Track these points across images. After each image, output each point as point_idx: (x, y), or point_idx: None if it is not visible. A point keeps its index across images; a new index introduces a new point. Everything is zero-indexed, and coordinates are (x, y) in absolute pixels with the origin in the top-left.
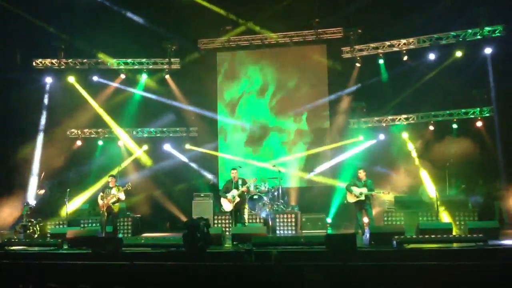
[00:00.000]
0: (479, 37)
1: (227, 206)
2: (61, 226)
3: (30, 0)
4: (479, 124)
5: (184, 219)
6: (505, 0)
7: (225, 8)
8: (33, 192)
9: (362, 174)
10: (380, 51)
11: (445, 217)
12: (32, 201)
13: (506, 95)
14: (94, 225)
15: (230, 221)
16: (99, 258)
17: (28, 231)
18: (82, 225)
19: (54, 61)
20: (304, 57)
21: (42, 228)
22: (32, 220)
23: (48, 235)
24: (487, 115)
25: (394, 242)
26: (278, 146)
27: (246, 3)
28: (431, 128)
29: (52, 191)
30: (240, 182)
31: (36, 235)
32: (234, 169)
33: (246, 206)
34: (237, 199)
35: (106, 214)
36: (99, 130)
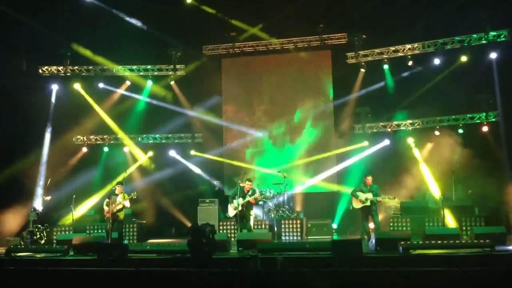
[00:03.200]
0: (484, 41)
1: (231, 211)
2: (67, 233)
3: (36, 7)
4: (485, 129)
5: (189, 225)
6: (510, 4)
7: (230, 14)
8: (39, 199)
9: (368, 179)
10: (384, 56)
11: (451, 222)
12: (39, 207)
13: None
14: (99, 231)
15: (236, 227)
16: (105, 265)
17: (35, 237)
18: (88, 232)
19: (60, 68)
20: (308, 62)
21: (48, 234)
22: (39, 226)
23: (54, 241)
24: (493, 120)
25: (400, 247)
26: (283, 152)
27: (251, 9)
28: (437, 133)
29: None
30: (250, 193)
31: (43, 241)
32: (249, 181)
33: (252, 213)
34: (240, 208)
35: (111, 220)
36: (105, 136)
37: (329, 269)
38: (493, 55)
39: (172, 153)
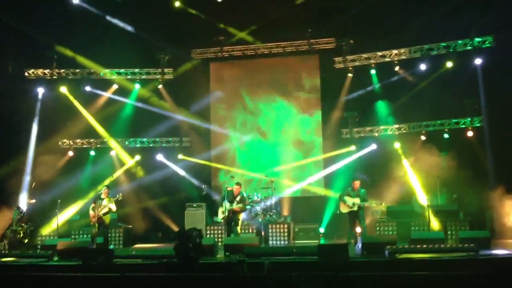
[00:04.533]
0: (469, 48)
1: (220, 215)
2: (51, 238)
3: (22, 10)
4: (470, 134)
5: (176, 229)
6: (494, 11)
7: (218, 18)
8: (24, 201)
9: (356, 184)
10: (372, 61)
11: (436, 226)
12: (23, 206)
13: (496, 105)
14: (85, 236)
15: (223, 231)
16: (90, 270)
17: (18, 236)
18: (72, 237)
19: (46, 71)
20: (296, 67)
21: (32, 233)
22: (23, 224)
23: (39, 246)
24: (478, 125)
25: (386, 252)
26: (271, 156)
27: (240, 13)
28: (423, 138)
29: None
30: (238, 198)
31: (26, 240)
32: (238, 184)
33: (241, 218)
34: (226, 214)
35: (97, 225)
36: (91, 140)
37: (316, 273)
38: (478, 61)
39: (160, 157)
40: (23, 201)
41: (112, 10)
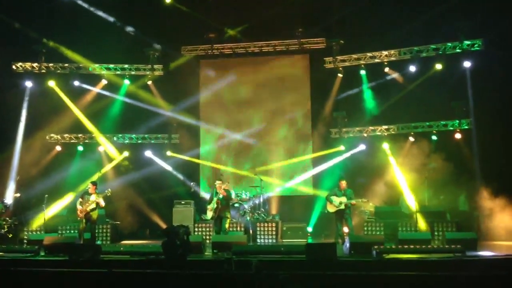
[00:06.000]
0: (458, 50)
1: (208, 213)
2: (38, 232)
3: (11, 3)
4: (458, 136)
5: (164, 226)
6: (484, 15)
7: (209, 16)
8: (9, 195)
9: (342, 184)
10: (362, 62)
11: (423, 227)
12: (9, 200)
13: (484, 108)
14: (72, 231)
15: (212, 229)
16: (76, 266)
17: (2, 230)
18: (59, 232)
19: (34, 65)
20: (287, 66)
21: (17, 228)
22: (7, 218)
23: (25, 241)
24: (466, 127)
25: (374, 252)
26: (260, 155)
27: (231, 11)
28: (411, 139)
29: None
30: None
31: (10, 235)
32: (219, 180)
33: (229, 215)
34: (215, 206)
35: (84, 220)
36: (79, 135)
37: (303, 273)
38: (467, 64)
39: (148, 153)
40: (9, 195)
41: (103, 6)
